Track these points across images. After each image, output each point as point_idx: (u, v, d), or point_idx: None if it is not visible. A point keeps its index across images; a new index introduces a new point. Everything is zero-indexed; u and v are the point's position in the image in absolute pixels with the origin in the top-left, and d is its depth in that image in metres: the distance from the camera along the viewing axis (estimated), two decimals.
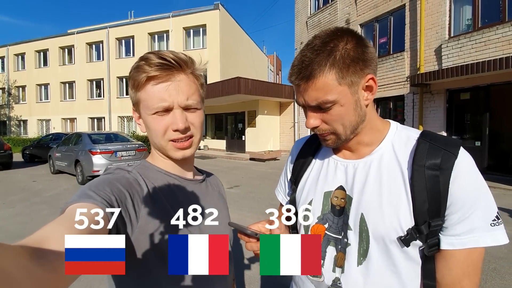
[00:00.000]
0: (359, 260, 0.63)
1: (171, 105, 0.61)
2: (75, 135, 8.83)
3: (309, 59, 0.57)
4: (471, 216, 0.56)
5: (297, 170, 0.79)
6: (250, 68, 20.48)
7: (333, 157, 0.72)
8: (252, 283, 2.67)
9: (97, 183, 0.55)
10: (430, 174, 0.56)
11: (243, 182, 7.59)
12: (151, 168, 0.68)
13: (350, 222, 0.64)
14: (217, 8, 17.64)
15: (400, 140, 0.64)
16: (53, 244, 0.35)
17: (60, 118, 22.65)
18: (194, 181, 0.73)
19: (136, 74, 0.61)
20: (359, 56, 0.57)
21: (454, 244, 0.57)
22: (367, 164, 0.65)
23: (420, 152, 0.59)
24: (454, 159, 0.57)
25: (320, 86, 0.57)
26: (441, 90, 7.90)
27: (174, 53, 0.63)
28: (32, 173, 9.66)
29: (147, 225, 0.57)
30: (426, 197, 0.56)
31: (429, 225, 0.57)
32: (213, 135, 17.52)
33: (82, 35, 21.64)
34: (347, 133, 0.63)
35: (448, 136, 0.64)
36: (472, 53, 7.11)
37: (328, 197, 0.69)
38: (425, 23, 8.08)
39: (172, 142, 0.64)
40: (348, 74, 0.57)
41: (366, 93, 0.61)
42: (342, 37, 0.58)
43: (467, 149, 0.61)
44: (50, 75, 22.71)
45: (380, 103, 9.88)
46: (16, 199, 6.08)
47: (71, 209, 0.46)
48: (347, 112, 0.60)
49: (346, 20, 10.78)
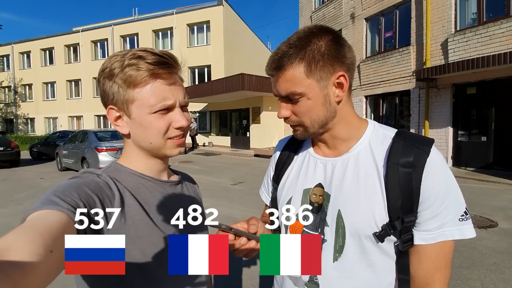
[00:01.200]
0: (334, 256, 0.64)
1: (174, 103, 0.61)
2: (81, 132, 8.97)
3: (282, 51, 0.61)
4: (442, 212, 0.58)
5: (279, 168, 0.81)
6: (254, 64, 20.39)
7: (313, 155, 0.74)
8: (254, 278, 2.69)
9: (63, 188, 0.50)
10: (403, 172, 0.58)
11: (248, 178, 7.64)
12: (124, 171, 0.64)
13: (327, 218, 0.66)
14: (221, 4, 17.56)
15: (376, 138, 0.66)
16: (13, 255, 0.32)
17: (67, 116, 22.92)
18: (169, 183, 0.71)
19: (133, 72, 0.57)
20: (330, 53, 0.59)
21: (426, 239, 0.59)
22: (344, 162, 0.67)
23: (394, 150, 0.61)
24: (426, 156, 0.59)
25: (289, 78, 0.61)
26: (447, 84, 7.78)
27: (166, 51, 0.62)
28: (39, 170, 9.83)
29: (118, 231, 0.54)
30: (400, 193, 0.58)
31: (403, 221, 0.59)
32: (218, 132, 17.54)
33: (87, 33, 21.78)
34: (315, 126, 0.65)
35: (422, 135, 0.66)
36: (478, 48, 6.98)
37: (307, 194, 0.71)
38: (431, 17, 7.94)
39: (170, 140, 0.63)
40: (317, 69, 0.59)
41: (336, 90, 0.62)
42: (318, 34, 0.60)
43: (473, 145, 0.61)
44: (56, 73, 22.95)
45: (385, 98, 9.78)
46: (23, 196, 6.20)
47: (34, 217, 0.42)
48: (315, 106, 0.62)
49: (351, 14, 10.64)
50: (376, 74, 9.65)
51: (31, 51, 23.87)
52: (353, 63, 0.64)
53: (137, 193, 0.62)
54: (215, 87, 13.39)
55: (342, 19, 11.04)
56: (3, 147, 10.12)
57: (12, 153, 10.38)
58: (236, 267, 2.88)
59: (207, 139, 17.49)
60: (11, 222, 4.40)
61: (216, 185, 6.83)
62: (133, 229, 0.57)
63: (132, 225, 0.57)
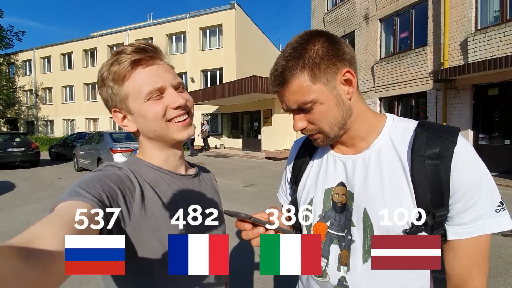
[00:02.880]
0: (364, 257, 0.61)
1: (164, 85, 0.61)
2: (97, 134, 9.19)
3: (281, 66, 0.60)
4: (476, 204, 0.55)
5: (297, 170, 0.79)
6: (266, 67, 20.40)
7: (331, 154, 0.71)
8: (267, 282, 2.65)
9: (87, 181, 0.53)
10: (430, 163, 0.55)
11: (259, 181, 7.59)
12: (143, 164, 0.66)
13: (353, 218, 0.63)
14: (233, 8, 17.70)
15: (397, 132, 0.63)
16: (42, 243, 0.34)
17: (84, 118, 23.62)
18: (187, 176, 0.72)
19: (117, 67, 0.59)
20: (329, 53, 0.58)
21: (460, 234, 0.56)
22: (366, 158, 0.64)
23: (418, 142, 0.58)
24: (453, 146, 0.55)
25: (296, 89, 0.59)
26: (467, 85, 7.50)
27: (143, 42, 0.63)
28: (58, 171, 10.15)
29: (139, 222, 0.56)
30: (428, 187, 0.55)
31: (434, 215, 0.56)
32: (229, 134, 17.62)
33: (104, 38, 22.43)
34: (335, 130, 0.62)
35: (446, 124, 0.62)
36: (501, 47, 6.69)
37: (329, 194, 0.68)
38: (449, 16, 7.70)
39: (172, 122, 0.63)
40: (320, 72, 0.58)
41: (346, 87, 0.61)
42: (310, 39, 0.59)
43: (495, 148, 0.57)
44: (74, 77, 23.72)
45: (401, 100, 9.54)
46: (43, 195, 6.39)
47: (60, 207, 0.45)
48: (330, 109, 0.60)
49: (364, 15, 10.48)
50: (391, 75, 9.44)
51: (51, 56, 24.82)
52: (354, 58, 0.62)
53: (156, 186, 0.63)
54: (227, 89, 13.45)
55: (355, 20, 10.88)
56: (25, 148, 10.52)
57: (33, 154, 10.76)
58: (249, 270, 2.85)
59: (219, 141, 17.59)
60: (31, 220, 4.53)
61: (227, 187, 6.83)
62: (152, 220, 0.58)
63: (152, 217, 0.58)
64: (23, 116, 26.88)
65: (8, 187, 7.17)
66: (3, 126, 26.92)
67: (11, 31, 23.47)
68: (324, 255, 0.67)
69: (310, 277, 0.71)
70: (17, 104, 26.62)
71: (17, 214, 4.90)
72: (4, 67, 25.28)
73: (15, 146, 10.39)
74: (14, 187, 7.28)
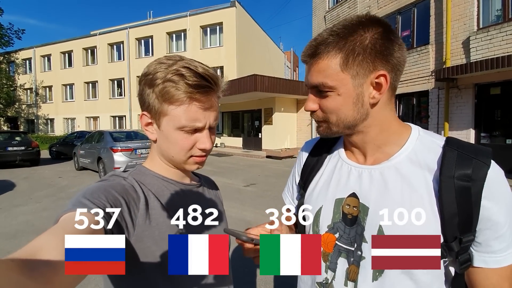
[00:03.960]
0: (374, 275, 0.57)
1: (203, 126, 0.62)
2: (97, 133, 9.16)
3: (322, 38, 0.56)
4: (506, 233, 0.52)
5: (306, 173, 0.74)
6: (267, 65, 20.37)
7: (346, 162, 0.67)
8: (268, 283, 2.63)
9: (92, 191, 0.53)
10: (461, 186, 0.51)
11: (260, 180, 7.56)
12: (148, 174, 0.67)
13: (365, 234, 0.59)
14: (234, 6, 17.64)
15: (423, 147, 0.58)
16: (46, 255, 0.34)
17: (84, 116, 23.62)
18: (191, 186, 0.73)
19: (172, 90, 0.58)
20: (374, 47, 0.53)
21: (487, 262, 0.53)
22: (384, 171, 0.59)
23: (448, 161, 0.53)
24: (487, 169, 0.51)
25: (322, 67, 0.56)
26: (469, 84, 7.46)
27: (208, 69, 0.61)
28: (58, 170, 10.13)
29: (143, 233, 0.56)
30: (456, 210, 0.51)
31: (461, 241, 0.52)
32: (230, 133, 17.60)
33: (104, 36, 22.37)
34: (340, 126, 0.60)
35: (476, 144, 0.58)
36: (503, 46, 6.65)
37: (339, 205, 0.64)
38: (451, 14, 7.64)
39: (192, 157, 0.65)
40: (355, 63, 0.53)
41: (373, 91, 0.56)
42: (366, 24, 0.54)
43: (497, 147, 0.54)
44: (74, 75, 23.70)
45: (402, 99, 9.49)
46: (43, 194, 6.38)
47: (65, 218, 0.45)
48: (345, 104, 0.56)
49: (366, 13, 10.41)
50: None
51: (51, 54, 24.79)
52: (400, 64, 0.56)
53: (161, 195, 0.64)
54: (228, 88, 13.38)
55: None
56: (25, 147, 10.51)
57: (33, 153, 10.74)
58: (250, 272, 2.83)
59: (219, 140, 17.57)
60: (31, 220, 4.52)
61: (228, 186, 6.81)
62: (157, 231, 0.58)
63: (156, 227, 0.59)
64: (23, 115, 26.89)
65: (8, 187, 7.15)
66: (3, 124, 26.94)
67: (11, 29, 23.36)
68: (331, 267, 0.64)
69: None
70: (17, 102, 26.61)
71: (17, 214, 4.88)
72: (4, 65, 25.24)
73: (15, 145, 10.37)
74: (14, 186, 7.26)
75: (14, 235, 3.89)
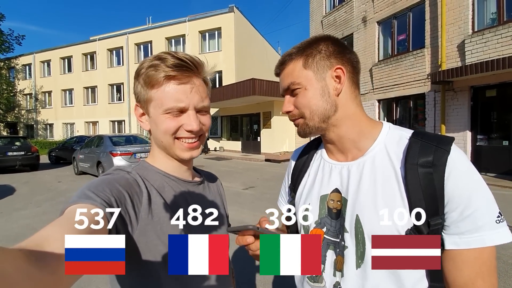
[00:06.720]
0: (357, 263, 0.62)
1: (186, 106, 0.62)
2: (97, 137, 9.20)
3: (287, 53, 0.69)
4: (473, 214, 0.53)
5: (295, 177, 0.81)
6: (265, 69, 20.47)
7: (327, 161, 0.73)
8: (266, 284, 2.65)
9: (96, 184, 0.54)
10: (423, 172, 0.56)
11: (258, 183, 7.61)
12: (151, 169, 0.67)
13: (346, 224, 0.64)
14: (232, 11, 17.81)
15: (392, 140, 0.64)
16: (52, 246, 0.35)
17: (84, 121, 23.63)
18: (193, 183, 0.74)
19: (152, 73, 0.61)
20: (328, 50, 0.65)
21: (458, 244, 0.55)
22: (360, 166, 0.65)
23: (412, 150, 0.59)
24: (447, 155, 0.56)
25: (289, 71, 0.68)
26: (465, 87, 7.54)
27: (189, 55, 0.64)
28: (57, 174, 10.14)
29: (146, 226, 0.57)
30: (422, 195, 0.55)
31: (429, 224, 0.55)
32: (229, 137, 17.64)
33: (103, 42, 22.51)
34: (315, 119, 0.66)
35: (440, 134, 0.63)
36: (498, 48, 6.74)
37: (324, 201, 0.69)
38: (446, 18, 7.76)
39: (180, 141, 0.65)
40: (314, 62, 0.65)
41: (334, 83, 0.65)
42: (320, 39, 0.67)
43: (494, 149, 0.58)
44: (74, 80, 23.77)
45: (399, 102, 9.57)
46: (42, 198, 6.39)
47: (70, 210, 0.46)
48: (313, 96, 0.65)
49: (362, 17, 10.55)
50: (389, 77, 9.48)
51: (51, 60, 24.89)
52: (352, 61, 0.66)
53: (163, 191, 0.65)
54: (226, 92, 13.50)
55: (353, 23, 10.95)
56: (24, 152, 10.52)
57: (32, 158, 10.75)
58: (249, 273, 2.85)
59: (218, 143, 17.61)
60: (31, 223, 4.53)
61: (227, 189, 6.80)
62: (158, 225, 0.59)
63: (158, 222, 0.60)
64: (22, 120, 26.89)
65: (8, 191, 7.16)
66: (3, 130, 26.90)
67: (11, 36, 23.51)
68: (321, 260, 0.68)
69: (306, 282, 0.71)
70: (17, 108, 26.64)
71: (17, 218, 4.89)
72: (4, 71, 25.30)
73: (15, 150, 10.38)
74: (14, 191, 7.28)
75: (15, 238, 3.91)
